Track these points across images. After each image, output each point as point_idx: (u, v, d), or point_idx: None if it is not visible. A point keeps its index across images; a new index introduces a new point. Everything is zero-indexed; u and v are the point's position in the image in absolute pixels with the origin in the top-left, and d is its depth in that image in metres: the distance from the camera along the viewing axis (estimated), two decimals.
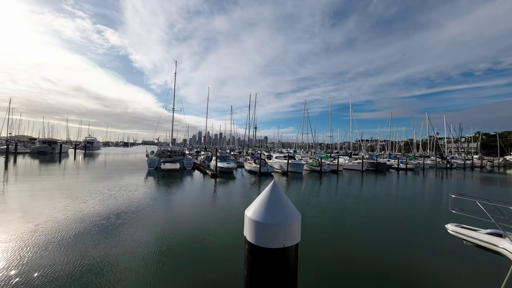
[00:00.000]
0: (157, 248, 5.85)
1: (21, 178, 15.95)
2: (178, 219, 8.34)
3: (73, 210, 8.75)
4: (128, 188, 13.41)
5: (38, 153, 39.39)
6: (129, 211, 8.88)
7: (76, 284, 4.24)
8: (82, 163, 28.38)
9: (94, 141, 64.72)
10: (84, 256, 5.22)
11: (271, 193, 1.38)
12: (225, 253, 5.74)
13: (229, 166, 21.57)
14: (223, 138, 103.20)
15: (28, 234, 6.32)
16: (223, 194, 13.52)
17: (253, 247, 1.28)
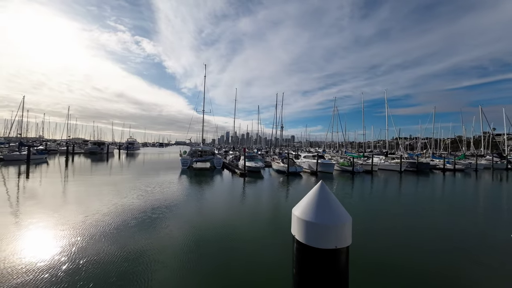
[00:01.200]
0: (188, 242, 6.16)
1: (77, 174, 18.35)
2: (210, 216, 8.69)
3: (116, 204, 9.74)
4: (164, 185, 14.42)
5: (90, 153, 44.77)
6: (164, 206, 9.54)
7: (114, 271, 4.69)
8: (124, 162, 31.48)
9: (134, 142, 71.31)
10: (122, 247, 5.75)
11: (320, 193, 1.34)
12: (255, 248, 5.78)
13: (257, 166, 21.75)
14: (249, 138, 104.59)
15: (79, 224, 7.21)
16: (253, 192, 13.68)
17: (303, 246, 1.25)
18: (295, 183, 17.17)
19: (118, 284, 4.26)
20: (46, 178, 16.24)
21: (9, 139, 41.47)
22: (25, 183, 13.94)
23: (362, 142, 49.50)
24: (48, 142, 57.22)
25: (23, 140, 39.97)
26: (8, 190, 11.90)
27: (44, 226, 6.98)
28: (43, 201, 9.94)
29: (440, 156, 37.65)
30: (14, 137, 41.05)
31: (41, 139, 67.64)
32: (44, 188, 12.86)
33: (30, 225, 7.05)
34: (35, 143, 46.16)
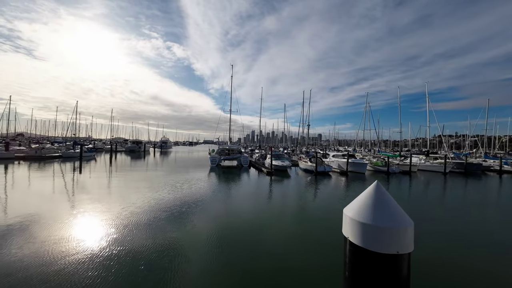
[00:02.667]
0: (215, 238, 6.31)
1: (119, 170, 20.29)
2: (237, 213, 8.82)
3: (150, 197, 10.48)
4: (194, 182, 15.10)
5: (130, 151, 49.12)
6: (193, 202, 9.97)
7: (143, 260, 5.01)
8: (159, 160, 33.85)
9: (167, 141, 76.34)
10: (151, 238, 6.13)
11: (376, 194, 1.22)
12: (282, 248, 5.69)
13: (283, 164, 21.52)
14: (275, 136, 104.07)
15: (117, 215, 7.91)
16: (280, 191, 13.56)
17: (357, 248, 1.15)
18: (324, 183, 16.55)
19: (145, 273, 4.54)
20: (94, 173, 18.27)
21: (66, 139, 47.74)
22: (78, 177, 15.87)
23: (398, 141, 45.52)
24: (95, 141, 64.41)
25: (77, 139, 45.60)
26: (65, 183, 13.68)
27: (89, 215, 7.84)
28: (91, 193, 11.19)
29: (495, 156, 32.79)
30: (70, 137, 47.15)
31: (90, 138, 76.37)
32: (93, 181, 14.47)
33: (78, 213, 7.98)
34: (85, 142, 52.24)
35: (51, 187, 12.58)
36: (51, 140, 52.26)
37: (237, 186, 14.56)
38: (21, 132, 64.12)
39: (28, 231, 6.28)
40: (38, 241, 5.68)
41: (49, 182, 13.99)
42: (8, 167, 19.71)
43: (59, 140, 47.77)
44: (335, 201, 11.32)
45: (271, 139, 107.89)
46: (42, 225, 6.76)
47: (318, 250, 5.79)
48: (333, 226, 7.63)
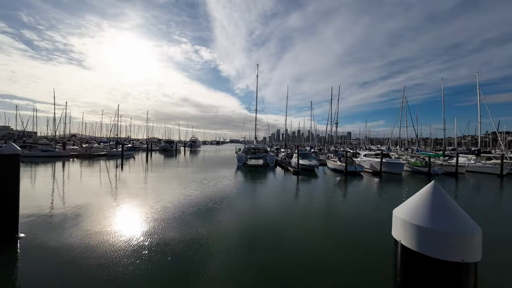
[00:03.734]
0: (239, 235, 6.35)
1: (154, 168, 21.88)
2: (263, 211, 8.80)
3: (179, 193, 11.06)
4: (221, 179, 15.52)
5: (163, 150, 52.66)
6: (220, 198, 10.21)
7: (170, 251, 5.23)
8: (188, 158, 35.67)
9: (196, 140, 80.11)
10: (178, 231, 6.40)
11: (434, 195, 1.06)
12: (308, 249, 5.49)
13: (311, 164, 20.92)
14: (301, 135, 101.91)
15: (150, 208, 8.45)
16: (307, 190, 13.21)
17: (412, 253, 1.02)
18: (355, 184, 15.64)
19: (171, 264, 4.76)
20: (133, 170, 20.00)
21: (109, 139, 53.20)
22: (119, 173, 17.53)
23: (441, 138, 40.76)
24: (133, 141, 70.51)
25: (118, 139, 50.46)
26: (109, 178, 15.22)
27: (127, 207, 8.55)
28: (130, 187, 12.24)
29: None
30: (112, 137, 52.44)
31: (129, 138, 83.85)
32: (131, 177, 15.84)
33: (117, 206, 8.76)
34: (125, 142, 57.54)
35: (98, 181, 14.11)
36: (97, 140, 58.71)
37: (263, 185, 14.58)
38: (74, 133, 73.24)
39: (78, 219, 7.11)
40: (83, 228, 6.39)
41: (97, 177, 15.71)
42: (65, 164, 22.68)
43: (104, 140, 53.39)
44: (368, 202, 10.60)
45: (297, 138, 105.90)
46: (88, 215, 7.59)
47: (348, 251, 5.47)
48: (367, 227, 7.16)
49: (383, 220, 7.86)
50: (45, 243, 5.46)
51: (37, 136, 57.01)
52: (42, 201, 9.09)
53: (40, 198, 9.49)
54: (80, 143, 43.02)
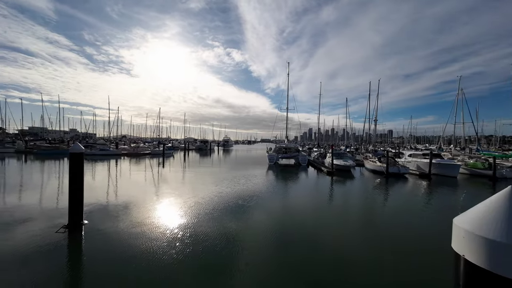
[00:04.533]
0: (271, 234, 6.28)
1: (190, 166, 23.36)
2: (295, 212, 8.60)
3: (213, 190, 11.54)
4: (253, 178, 15.71)
5: (198, 149, 55.89)
6: (251, 197, 10.31)
7: (202, 245, 5.42)
8: (222, 157, 37.12)
9: (229, 140, 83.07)
10: (211, 226, 6.61)
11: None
12: (342, 253, 5.14)
13: (346, 164, 19.73)
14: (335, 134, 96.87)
15: (185, 203, 8.97)
16: (342, 192, 12.50)
17: (482, 272, 0.86)
18: (398, 187, 14.21)
19: (202, 256, 4.97)
20: (172, 167, 21.69)
21: (152, 139, 58.74)
22: (161, 170, 19.20)
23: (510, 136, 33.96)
24: (173, 141, 76.44)
25: (160, 140, 55.35)
26: (153, 174, 16.80)
27: (166, 201, 9.26)
28: (169, 183, 13.28)
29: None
30: (155, 138, 57.82)
31: (169, 138, 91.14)
32: (171, 174, 17.18)
33: (158, 199, 9.56)
34: (166, 142, 62.75)
35: (144, 177, 15.70)
36: (143, 140, 65.31)
37: (295, 184, 14.31)
38: (125, 134, 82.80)
39: (128, 209, 8.00)
40: (132, 217, 7.16)
41: (143, 173, 17.50)
42: (117, 161, 25.84)
43: (148, 140, 59.15)
44: (415, 208, 9.52)
45: (331, 137, 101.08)
46: (136, 206, 8.48)
47: (392, 264, 4.98)
48: (414, 237, 6.42)
49: (435, 229, 6.97)
50: (103, 229, 6.30)
51: (96, 137, 66.14)
52: (99, 193, 10.50)
53: (98, 191, 10.97)
54: (129, 143, 48.46)
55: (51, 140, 45.20)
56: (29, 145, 37.22)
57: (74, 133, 73.52)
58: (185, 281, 4.22)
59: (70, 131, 75.84)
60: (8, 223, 6.63)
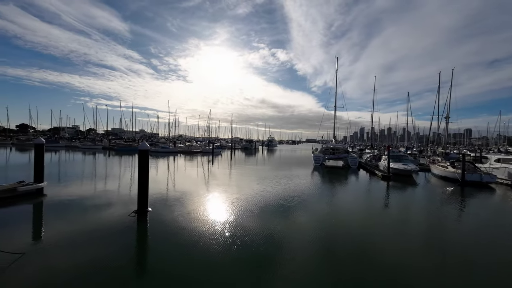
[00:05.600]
0: (313, 237, 5.92)
1: (236, 164, 24.49)
2: (341, 217, 7.96)
3: (257, 188, 11.74)
4: (297, 178, 15.31)
5: (244, 149, 58.08)
6: (295, 198, 10.03)
7: (241, 240, 5.44)
8: (266, 156, 37.59)
9: (273, 140, 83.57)
10: (256, 224, 6.62)
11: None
12: (398, 272, 4.41)
13: (406, 168, 17.22)
14: (392, 134, 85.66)
15: (230, 199, 9.33)
16: (400, 200, 10.95)
17: None
18: (479, 199, 11.59)
19: (239, 250, 5.00)
20: (220, 165, 23.17)
21: (204, 139, 64.18)
22: (210, 167, 20.75)
23: None
24: (221, 140, 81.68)
25: (210, 139, 59.96)
26: (203, 170, 18.32)
27: (213, 196, 9.89)
28: (217, 180, 14.18)
29: None
30: (206, 137, 63.06)
31: (218, 138, 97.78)
32: (219, 171, 18.36)
33: (206, 194, 10.28)
34: (215, 141, 67.57)
35: (196, 172, 17.28)
36: (195, 139, 71.98)
37: (342, 188, 13.32)
38: (181, 134, 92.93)
39: (183, 200, 8.94)
40: (186, 207, 7.95)
41: (195, 169, 19.29)
42: (175, 158, 29.22)
43: (200, 140, 64.84)
44: (503, 227, 7.57)
45: (387, 137, 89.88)
46: (190, 197, 9.39)
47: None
48: (501, 269, 5.11)
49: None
50: (163, 216, 7.22)
51: (158, 136, 76.35)
52: (161, 185, 12.06)
53: (159, 183, 12.62)
54: (184, 142, 54.15)
55: (126, 139, 54.53)
56: (111, 143, 45.78)
57: (143, 133, 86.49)
58: (228, 265, 4.44)
59: (139, 132, 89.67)
60: (96, 205, 8.31)
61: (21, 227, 6.37)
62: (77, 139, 53.54)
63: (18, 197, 8.60)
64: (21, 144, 45.19)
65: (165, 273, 4.30)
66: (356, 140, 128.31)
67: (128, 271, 4.42)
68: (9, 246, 4.83)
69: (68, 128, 74.90)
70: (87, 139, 52.21)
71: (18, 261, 4.43)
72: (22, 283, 3.86)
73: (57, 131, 66.88)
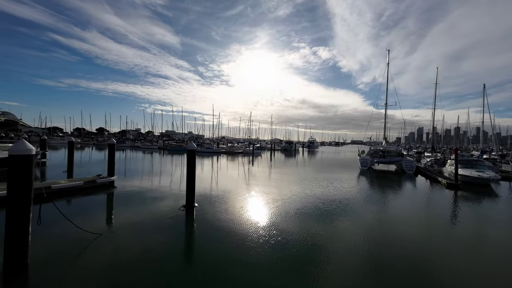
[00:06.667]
0: (362, 248, 5.33)
1: (276, 165, 24.43)
2: (397, 229, 7.02)
3: (297, 191, 11.41)
4: (341, 182, 14.29)
5: (283, 150, 57.60)
6: (338, 202, 9.34)
7: (290, 244, 5.23)
8: (307, 158, 36.41)
9: (314, 141, 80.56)
10: (298, 227, 6.33)
11: None
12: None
13: (482, 176, 14.25)
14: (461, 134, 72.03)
15: (271, 199, 9.23)
16: (474, 215, 9.08)
17: None
18: None
19: (280, 254, 4.82)
20: (260, 165, 23.50)
21: (244, 140, 66.27)
22: (251, 168, 21.25)
23: None
24: (261, 141, 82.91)
25: (250, 140, 61.56)
26: (244, 170, 18.90)
27: (253, 196, 10.00)
28: (257, 180, 14.37)
29: None
30: (246, 139, 65.03)
31: (258, 139, 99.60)
32: (259, 172, 18.63)
33: (248, 193, 10.48)
34: (255, 142, 69.02)
35: (237, 172, 17.95)
36: (237, 141, 74.90)
37: (395, 196, 11.85)
38: (223, 135, 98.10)
39: (225, 197, 9.39)
40: (228, 204, 8.31)
41: (236, 169, 20.07)
42: (218, 158, 31.01)
43: (241, 141, 67.14)
44: None
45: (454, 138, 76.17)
46: (231, 196, 9.79)
47: None
48: None
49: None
50: (208, 212, 7.73)
51: (204, 137, 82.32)
52: (205, 183, 12.95)
53: (204, 181, 13.56)
54: (226, 143, 56.96)
55: (177, 140, 60.57)
56: (165, 143, 51.52)
57: (191, 134, 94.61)
58: (265, 265, 4.44)
59: (188, 133, 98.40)
60: (153, 198, 9.45)
61: (98, 212, 7.73)
62: (139, 140, 62.24)
63: (96, 188, 10.47)
64: (99, 144, 54.90)
65: (207, 265, 4.60)
66: (413, 141, 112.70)
67: (176, 258, 4.90)
68: (90, 227, 5.90)
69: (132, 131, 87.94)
70: (146, 140, 60.19)
71: (96, 240, 5.38)
72: (100, 259, 4.67)
73: (124, 133, 79.24)
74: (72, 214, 6.32)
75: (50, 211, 5.94)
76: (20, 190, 4.10)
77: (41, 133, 60.05)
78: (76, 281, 3.95)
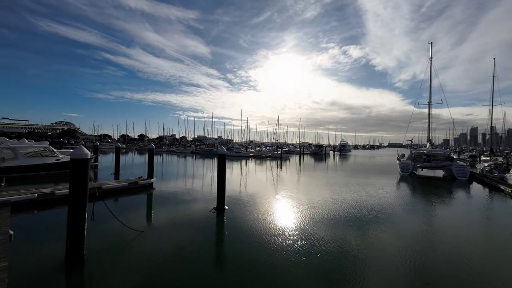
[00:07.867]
0: (405, 263, 4.73)
1: (305, 169, 23.74)
2: (449, 244, 6.13)
3: (328, 197, 10.86)
4: (377, 188, 13.17)
5: (313, 154, 55.83)
6: (376, 210, 8.58)
7: (322, 252, 4.90)
8: (338, 162, 34.61)
9: (346, 145, 76.20)
10: (330, 235, 5.94)
11: None
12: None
13: None
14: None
15: (301, 205, 8.88)
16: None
17: None
18: None
19: (309, 262, 4.53)
20: (289, 170, 23.12)
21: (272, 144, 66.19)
22: (279, 172, 21.04)
23: None
24: (289, 145, 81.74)
25: (278, 144, 61.19)
26: (272, 175, 18.79)
27: (283, 200, 9.79)
28: (286, 184, 14.11)
29: None
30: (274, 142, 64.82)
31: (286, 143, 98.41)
32: (288, 176, 18.32)
33: (278, 198, 10.32)
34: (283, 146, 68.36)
35: (265, 176, 17.94)
36: (265, 145, 75.20)
37: (445, 205, 10.46)
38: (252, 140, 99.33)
39: (252, 201, 9.42)
40: (255, 208, 8.30)
41: (265, 173, 20.08)
42: (246, 162, 31.47)
43: (269, 145, 67.24)
44: None
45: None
46: (259, 200, 9.79)
47: None
48: None
49: None
50: (238, 214, 7.87)
51: (233, 142, 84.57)
52: (235, 186, 13.22)
53: (234, 184, 13.85)
54: (255, 147, 57.57)
55: (208, 145, 63.48)
56: (197, 148, 54.36)
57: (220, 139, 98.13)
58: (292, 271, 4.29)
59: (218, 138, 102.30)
60: (186, 200, 10.00)
61: (140, 211, 8.45)
62: (174, 145, 66.96)
63: (138, 188, 11.50)
64: (140, 149, 60.48)
65: (235, 267, 4.71)
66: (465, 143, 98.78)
67: (207, 258, 5.08)
68: (133, 224, 6.49)
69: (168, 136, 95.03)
70: (180, 145, 64.39)
71: (139, 237, 5.89)
72: (141, 254, 5.10)
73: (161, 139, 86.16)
74: (118, 212, 7.03)
75: (100, 208, 6.72)
76: (79, 189, 4.74)
77: (94, 140, 69.11)
78: (122, 271, 4.41)
